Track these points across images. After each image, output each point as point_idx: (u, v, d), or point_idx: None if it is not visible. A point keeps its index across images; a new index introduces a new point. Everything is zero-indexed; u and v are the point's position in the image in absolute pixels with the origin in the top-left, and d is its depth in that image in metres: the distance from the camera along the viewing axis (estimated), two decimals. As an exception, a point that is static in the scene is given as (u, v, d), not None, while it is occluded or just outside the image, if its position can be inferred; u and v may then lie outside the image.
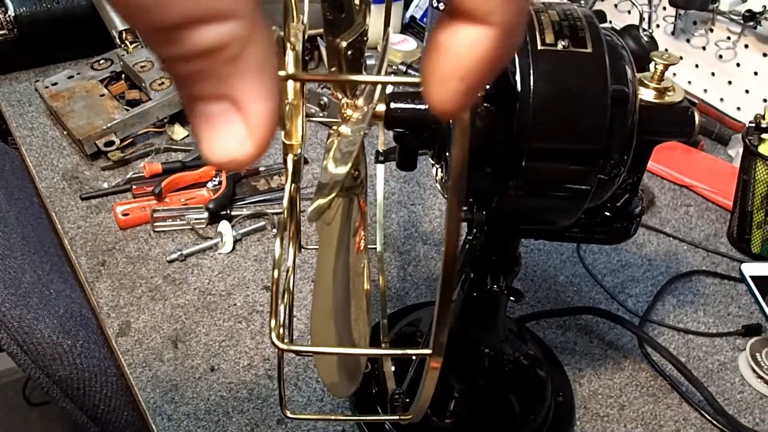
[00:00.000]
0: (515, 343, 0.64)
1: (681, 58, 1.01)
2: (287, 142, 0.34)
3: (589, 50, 0.37)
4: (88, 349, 0.69)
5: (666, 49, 1.01)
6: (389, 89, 0.45)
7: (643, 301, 0.73)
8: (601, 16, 1.00)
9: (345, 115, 0.40)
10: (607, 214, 0.47)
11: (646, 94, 0.43)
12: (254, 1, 0.16)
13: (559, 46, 0.37)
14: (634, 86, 0.39)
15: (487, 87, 0.37)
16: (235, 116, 0.16)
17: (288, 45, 0.33)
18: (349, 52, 0.39)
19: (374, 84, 0.36)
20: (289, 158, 0.33)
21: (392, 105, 0.42)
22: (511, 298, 0.51)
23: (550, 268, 0.77)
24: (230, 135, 0.16)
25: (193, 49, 0.15)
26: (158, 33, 0.15)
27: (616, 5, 1.11)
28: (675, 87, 0.43)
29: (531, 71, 0.37)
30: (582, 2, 1.03)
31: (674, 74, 1.08)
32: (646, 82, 0.43)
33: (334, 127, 0.41)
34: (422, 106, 0.42)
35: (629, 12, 1.10)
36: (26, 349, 0.65)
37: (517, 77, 0.37)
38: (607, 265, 0.78)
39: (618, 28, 0.98)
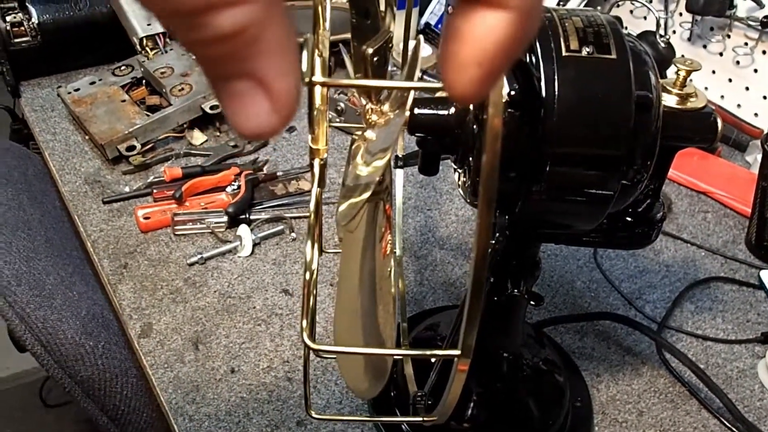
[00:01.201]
0: (534, 347, 0.64)
1: (698, 64, 1.00)
2: (314, 147, 0.34)
3: (614, 56, 0.37)
4: (109, 351, 0.70)
5: (683, 55, 1.01)
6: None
7: (661, 307, 0.73)
8: (618, 22, 1.00)
9: (370, 120, 0.40)
10: (629, 219, 0.47)
11: (669, 100, 0.43)
12: None
13: (584, 53, 0.37)
14: (657, 92, 0.39)
15: (512, 93, 0.38)
16: (260, 92, 0.17)
17: (316, 52, 0.34)
18: (375, 59, 0.40)
19: (402, 89, 0.36)
20: (316, 162, 0.34)
21: (415, 111, 0.42)
22: (532, 302, 0.51)
23: (567, 274, 0.77)
24: (257, 110, 0.17)
25: (213, 33, 0.16)
26: (178, 19, 0.16)
27: (632, 11, 1.12)
28: (697, 93, 0.44)
29: (555, 77, 0.37)
30: (598, 8, 1.03)
31: (690, 80, 1.08)
32: (668, 88, 0.43)
33: (358, 133, 0.42)
34: (445, 112, 0.42)
35: (645, 18, 1.10)
36: (50, 349, 0.66)
37: (542, 83, 0.37)
38: (624, 271, 0.78)
39: (634, 35, 0.98)
